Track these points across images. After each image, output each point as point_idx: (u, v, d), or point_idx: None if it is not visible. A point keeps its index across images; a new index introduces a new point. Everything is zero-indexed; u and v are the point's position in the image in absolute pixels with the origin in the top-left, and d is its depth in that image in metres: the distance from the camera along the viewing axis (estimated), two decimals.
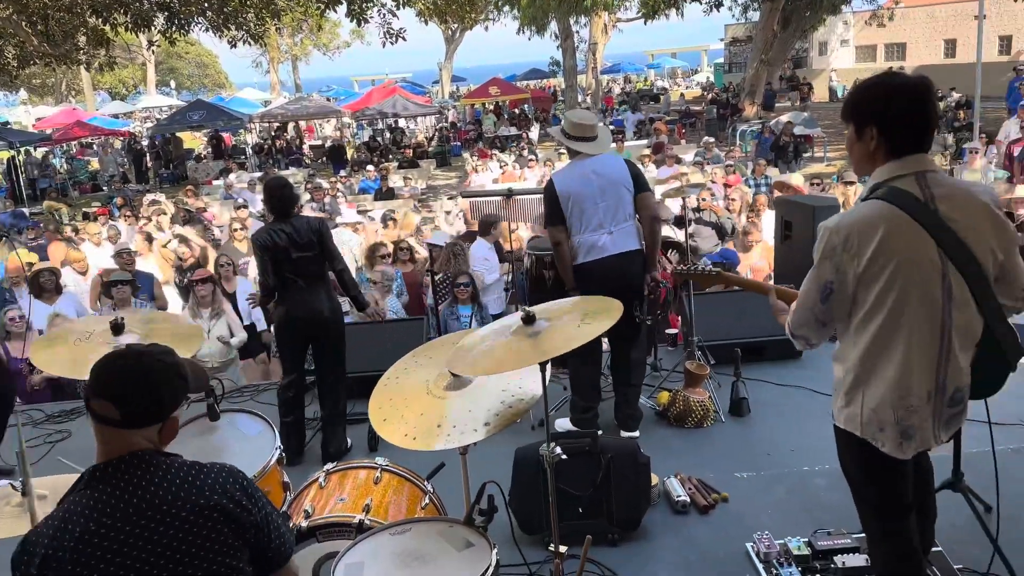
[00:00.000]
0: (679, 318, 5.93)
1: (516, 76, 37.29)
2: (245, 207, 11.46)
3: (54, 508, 1.72)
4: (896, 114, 2.24)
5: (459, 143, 25.81)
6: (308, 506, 2.85)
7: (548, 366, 2.55)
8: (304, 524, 2.73)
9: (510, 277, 6.41)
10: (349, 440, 4.74)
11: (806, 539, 3.28)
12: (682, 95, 33.75)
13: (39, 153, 24.69)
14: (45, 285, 6.80)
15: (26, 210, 17.00)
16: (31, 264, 7.81)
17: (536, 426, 4.66)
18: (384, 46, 17.56)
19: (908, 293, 2.21)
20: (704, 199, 8.24)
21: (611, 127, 23.15)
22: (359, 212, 11.45)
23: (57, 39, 17.02)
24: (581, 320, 2.41)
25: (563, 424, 4.54)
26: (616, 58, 46.23)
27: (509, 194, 5.59)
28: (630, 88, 39.65)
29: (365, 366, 5.25)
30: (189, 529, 1.68)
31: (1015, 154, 11.59)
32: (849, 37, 34.01)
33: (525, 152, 18.03)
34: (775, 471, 4.08)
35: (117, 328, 2.88)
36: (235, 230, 9.20)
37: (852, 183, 8.56)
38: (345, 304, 5.00)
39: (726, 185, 10.46)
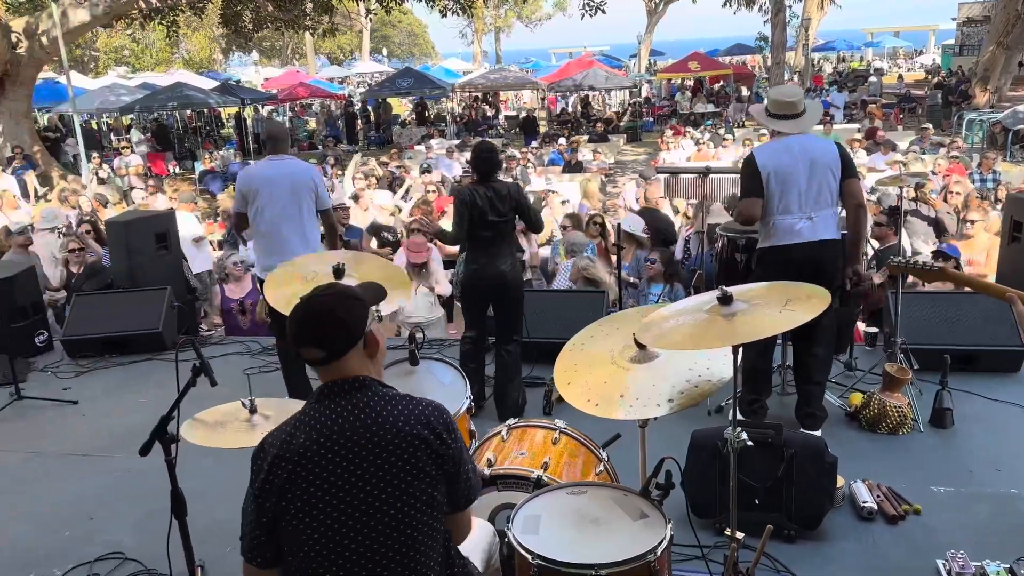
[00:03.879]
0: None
1: (719, 51, 35.89)
2: (428, 171, 11.98)
3: (288, 418, 1.94)
4: None
5: (652, 119, 25.39)
6: (490, 455, 2.99)
7: (740, 350, 2.49)
8: (487, 471, 2.86)
9: (698, 256, 6.27)
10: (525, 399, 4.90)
11: (1007, 565, 3.01)
12: (901, 77, 31.02)
13: (265, 111, 27.09)
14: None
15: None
16: None
17: (713, 412, 4.58)
18: (582, 18, 17.57)
19: None
20: (925, 192, 7.55)
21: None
22: (546, 182, 11.64)
23: (288, 5, 18.50)
24: (783, 306, 2.32)
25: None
26: (831, 35, 43.22)
27: (706, 172, 5.45)
28: (844, 68, 37.08)
29: (545, 333, 5.38)
30: (394, 452, 1.84)
31: None
32: None
33: (721, 131, 17.43)
34: (976, 489, 3.75)
35: (338, 272, 3.15)
36: (430, 191, 9.77)
37: None
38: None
39: (946, 176, 9.57)
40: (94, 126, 25.45)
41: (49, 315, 6.82)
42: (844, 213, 4.23)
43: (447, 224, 5.54)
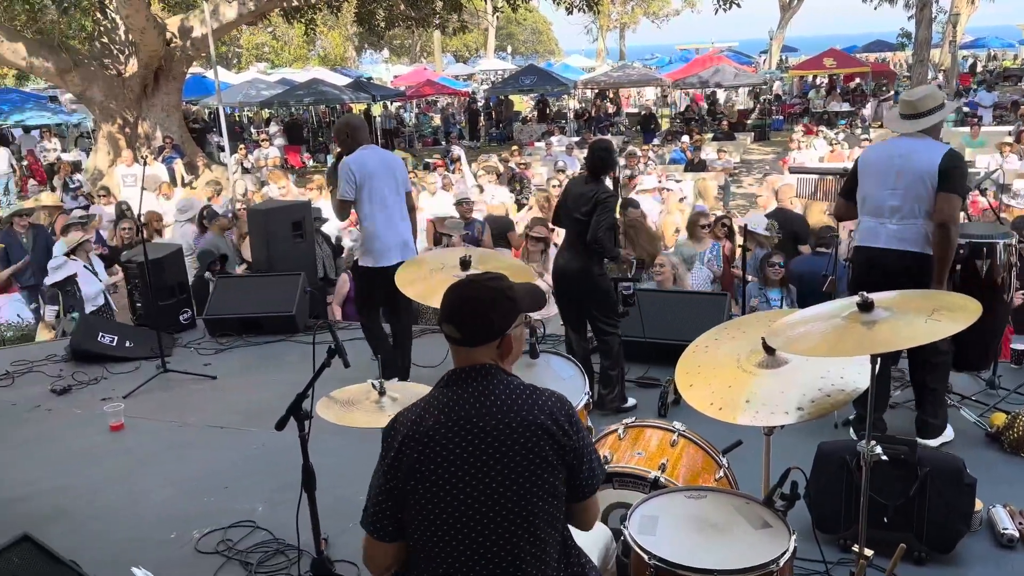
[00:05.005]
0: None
1: (856, 48, 34.16)
2: (563, 171, 12.06)
3: (418, 399, 2.03)
4: None
5: (781, 117, 24.49)
6: (606, 452, 2.99)
7: (879, 360, 2.38)
8: None
9: (830, 261, 6.02)
10: (632, 399, 4.86)
11: None
12: None
13: (393, 107, 27.97)
14: None
15: None
16: None
17: (840, 424, 4.39)
18: (716, 13, 17.15)
19: None
20: None
21: (965, 109, 20.44)
22: (667, 180, 11.48)
23: (419, 3, 18.99)
24: (929, 315, 2.20)
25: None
26: (982, 31, 40.19)
27: (844, 174, 5.19)
28: (995, 66, 34.54)
29: (662, 334, 5.31)
30: (518, 440, 1.88)
31: None
32: None
33: (857, 130, 16.63)
34: None
35: (465, 263, 3.24)
36: (554, 186, 9.89)
37: None
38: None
39: None
40: (236, 119, 27.03)
41: None
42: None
43: None
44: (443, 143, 22.99)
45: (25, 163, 19.57)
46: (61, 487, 4.30)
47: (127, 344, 6.28)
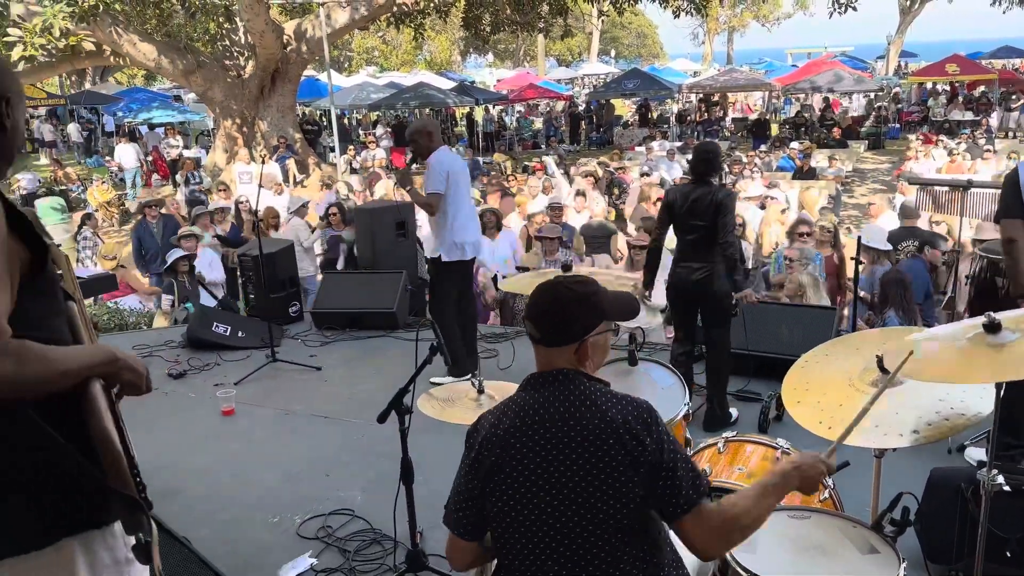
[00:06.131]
0: None
1: (982, 54, 32.24)
2: (648, 174, 11.86)
3: (500, 401, 2.06)
4: None
5: (898, 125, 23.38)
6: (706, 466, 2.93)
7: (1004, 386, 2.24)
8: None
9: (950, 281, 5.71)
10: (734, 412, 4.74)
11: None
12: None
13: (496, 111, 28.28)
14: (487, 223, 7.74)
15: (480, 159, 19.66)
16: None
17: (954, 450, 4.16)
18: (830, 16, 16.53)
19: None
20: None
21: None
22: (769, 187, 11.13)
23: (525, 7, 19.13)
24: None
25: (977, 454, 3.99)
26: None
27: (967, 186, 4.92)
28: None
29: (765, 347, 5.16)
30: (588, 448, 1.85)
31: None
32: None
33: (982, 141, 15.70)
34: None
35: (566, 268, 3.25)
36: (646, 196, 9.76)
37: None
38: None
39: None
40: (345, 121, 27.93)
41: None
42: None
43: None
44: (543, 146, 23.07)
45: (150, 159, 20.85)
46: (176, 467, 4.55)
47: (239, 334, 6.59)
